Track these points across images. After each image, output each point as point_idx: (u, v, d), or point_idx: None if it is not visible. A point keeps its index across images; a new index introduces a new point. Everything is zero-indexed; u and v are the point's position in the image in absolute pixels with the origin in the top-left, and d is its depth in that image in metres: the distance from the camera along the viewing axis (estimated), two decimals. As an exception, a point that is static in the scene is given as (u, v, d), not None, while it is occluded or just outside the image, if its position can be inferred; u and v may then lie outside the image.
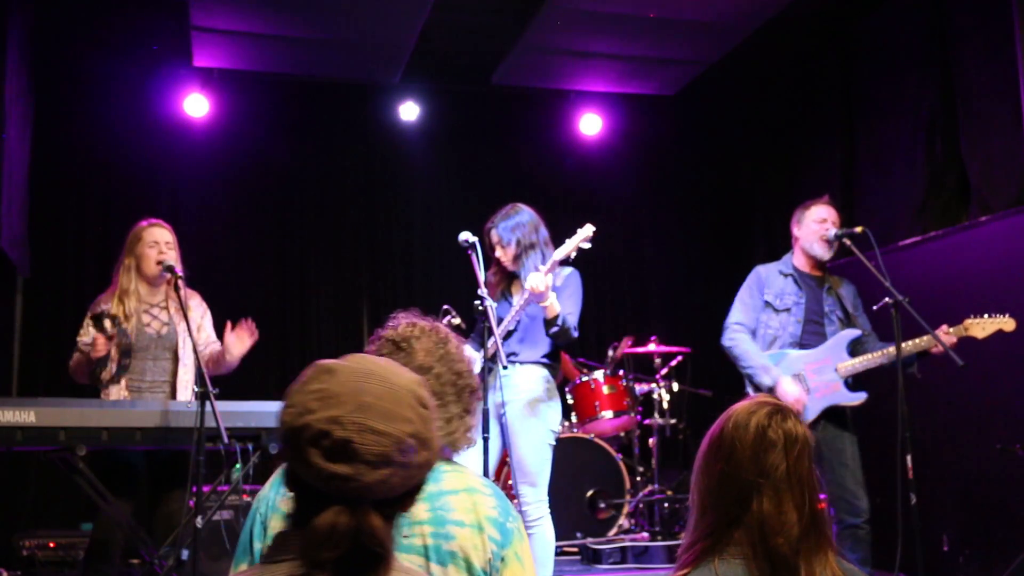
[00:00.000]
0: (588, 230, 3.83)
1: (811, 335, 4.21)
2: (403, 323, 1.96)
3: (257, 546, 1.74)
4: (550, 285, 3.75)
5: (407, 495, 1.30)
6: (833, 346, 4.17)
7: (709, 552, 1.70)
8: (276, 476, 1.79)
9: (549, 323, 3.81)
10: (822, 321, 4.24)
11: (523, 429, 3.79)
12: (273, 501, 1.76)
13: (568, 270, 4.01)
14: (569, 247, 3.82)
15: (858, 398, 4.12)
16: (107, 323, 3.84)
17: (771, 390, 4.13)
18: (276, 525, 1.72)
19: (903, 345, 3.92)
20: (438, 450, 1.32)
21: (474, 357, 3.90)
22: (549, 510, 3.82)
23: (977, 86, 5.34)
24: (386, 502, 1.26)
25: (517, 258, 3.97)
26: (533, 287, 3.71)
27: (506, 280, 4.09)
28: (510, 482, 5.43)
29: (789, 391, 4.09)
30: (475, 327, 4.21)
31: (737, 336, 4.29)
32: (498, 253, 4.02)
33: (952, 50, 5.55)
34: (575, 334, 3.89)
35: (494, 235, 4.02)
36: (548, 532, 3.79)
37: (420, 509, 1.71)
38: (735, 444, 1.72)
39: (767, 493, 1.68)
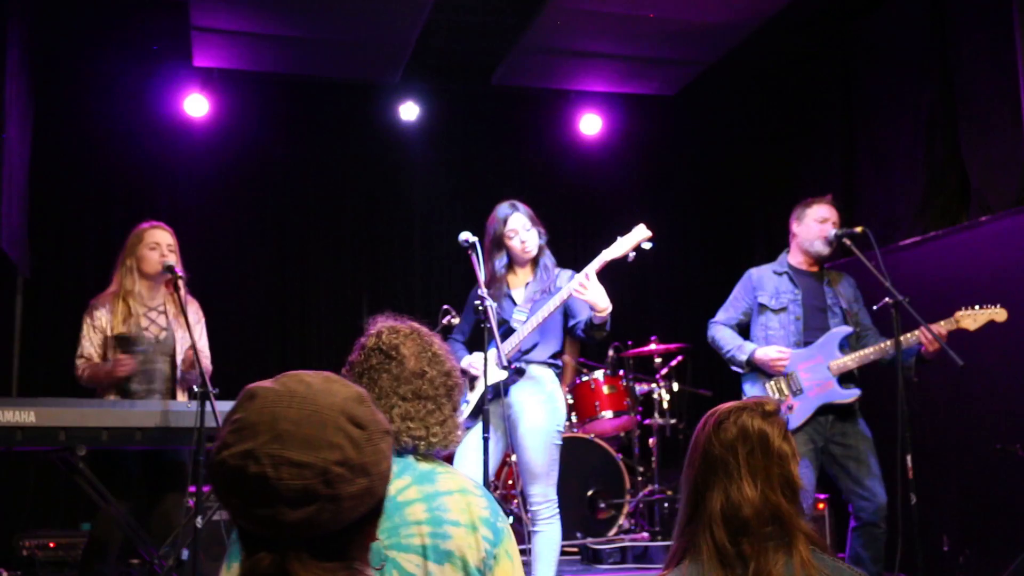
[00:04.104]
0: (644, 231, 3.73)
1: (815, 331, 4.18)
2: (385, 330, 1.95)
3: None
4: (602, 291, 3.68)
5: (352, 529, 1.11)
6: (824, 344, 4.14)
7: (684, 552, 1.74)
8: None
9: (601, 327, 3.76)
10: (825, 316, 4.22)
11: (532, 430, 3.78)
12: None
13: (569, 272, 3.96)
14: (626, 247, 3.74)
15: (851, 395, 4.10)
16: (134, 349, 3.92)
17: (751, 363, 4.15)
18: None
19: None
20: (384, 474, 1.14)
21: (471, 359, 3.91)
22: (558, 510, 3.82)
23: (977, 86, 5.34)
24: (322, 540, 1.08)
25: (541, 247, 3.94)
26: (595, 301, 3.62)
27: (507, 276, 3.98)
28: (509, 481, 5.46)
29: (766, 352, 4.12)
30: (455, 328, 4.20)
31: (714, 327, 4.36)
32: (522, 238, 3.89)
33: (952, 50, 5.54)
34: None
35: (517, 219, 3.89)
36: (556, 532, 3.80)
37: (418, 509, 1.76)
38: (695, 442, 1.79)
39: (718, 488, 1.71)
